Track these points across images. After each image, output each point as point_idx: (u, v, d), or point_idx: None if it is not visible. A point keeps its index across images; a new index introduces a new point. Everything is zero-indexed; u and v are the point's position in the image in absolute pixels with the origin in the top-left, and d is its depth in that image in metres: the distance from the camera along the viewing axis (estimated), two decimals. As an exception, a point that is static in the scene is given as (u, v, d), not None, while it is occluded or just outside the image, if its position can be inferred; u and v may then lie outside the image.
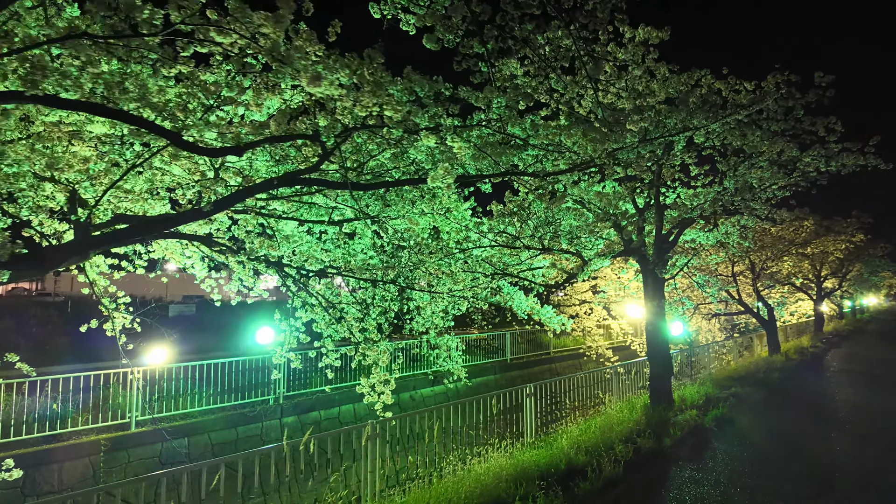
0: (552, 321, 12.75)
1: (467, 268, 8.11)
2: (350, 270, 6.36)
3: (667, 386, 9.51)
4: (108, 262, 6.88)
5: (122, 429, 10.22)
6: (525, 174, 5.32)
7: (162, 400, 10.96)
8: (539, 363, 20.89)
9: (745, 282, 18.70)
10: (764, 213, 9.70)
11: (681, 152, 10.14)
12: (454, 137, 3.51)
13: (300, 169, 4.37)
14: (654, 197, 9.32)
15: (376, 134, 4.14)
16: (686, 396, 10.15)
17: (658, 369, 9.49)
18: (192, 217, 4.13)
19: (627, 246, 9.31)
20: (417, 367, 16.22)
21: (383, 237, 6.60)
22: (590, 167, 5.27)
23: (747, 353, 19.26)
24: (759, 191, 9.17)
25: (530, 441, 7.93)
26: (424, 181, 4.07)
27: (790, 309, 27.15)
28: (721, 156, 9.47)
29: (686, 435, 7.91)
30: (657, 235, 9.50)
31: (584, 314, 22.79)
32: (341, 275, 6.39)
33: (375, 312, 7.03)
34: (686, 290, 16.67)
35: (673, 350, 14.26)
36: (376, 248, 6.57)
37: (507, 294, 13.07)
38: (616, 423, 8.00)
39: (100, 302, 6.35)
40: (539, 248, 7.75)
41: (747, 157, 9.56)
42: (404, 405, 15.47)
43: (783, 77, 8.60)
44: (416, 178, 4.48)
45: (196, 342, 20.65)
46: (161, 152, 4.03)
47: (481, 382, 18.42)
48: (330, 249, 6.74)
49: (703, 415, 9.00)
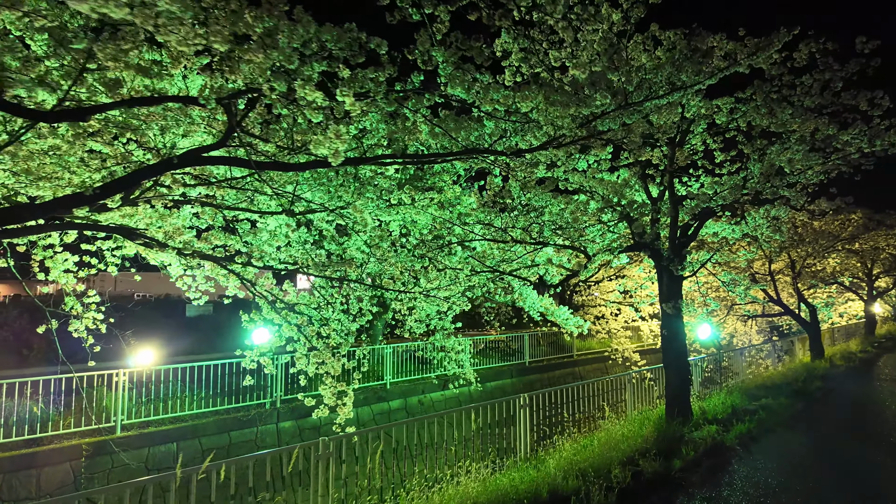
0: (568, 322, 11.81)
1: (452, 264, 7.31)
2: (307, 267, 5.67)
3: (684, 397, 8.46)
4: (74, 258, 6.45)
5: (106, 433, 9.86)
6: (491, 152, 4.50)
7: (150, 403, 10.58)
8: (560, 367, 19.84)
9: (784, 281, 17.19)
10: (799, 202, 8.54)
11: (700, 134, 9.09)
12: (345, 91, 2.74)
13: (204, 145, 3.68)
14: (668, 185, 8.30)
15: (287, 100, 3.41)
16: (708, 408, 9.06)
17: (674, 378, 8.46)
18: (70, 203, 3.50)
19: (638, 240, 8.31)
20: (427, 371, 15.48)
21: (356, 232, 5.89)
22: (568, 143, 4.41)
23: (787, 357, 17.72)
24: (791, 176, 8.03)
25: (523, 458, 7.08)
26: (328, 164, 3.33)
27: (839, 310, 25.16)
28: (746, 137, 8.37)
29: (701, 455, 6.89)
30: (672, 228, 8.47)
31: (610, 315, 21.60)
32: (300, 272, 5.70)
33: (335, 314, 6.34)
34: (717, 290, 15.37)
35: (699, 355, 13.07)
36: (333, 243, 5.86)
37: (519, 293, 12.23)
38: (620, 439, 7.05)
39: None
40: (531, 241, 6.87)
41: (776, 138, 8.47)
42: (412, 410, 14.77)
43: (818, 45, 7.51)
44: (319, 161, 3.71)
45: (210, 341, 20.58)
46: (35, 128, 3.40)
47: (497, 387, 17.55)
48: (289, 245, 6.08)
49: (725, 431, 7.92)
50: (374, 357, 14.73)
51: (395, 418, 14.25)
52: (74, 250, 6.53)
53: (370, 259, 6.17)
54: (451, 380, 13.09)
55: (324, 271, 5.57)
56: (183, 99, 2.99)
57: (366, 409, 13.71)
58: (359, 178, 5.30)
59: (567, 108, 3.47)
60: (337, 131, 2.70)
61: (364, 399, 13.66)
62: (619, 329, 21.05)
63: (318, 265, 5.46)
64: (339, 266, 5.41)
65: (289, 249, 5.89)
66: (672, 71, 3.77)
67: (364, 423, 13.51)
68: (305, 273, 5.59)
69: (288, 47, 2.66)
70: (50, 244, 6.16)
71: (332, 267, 5.46)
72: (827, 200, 9.31)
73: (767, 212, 9.03)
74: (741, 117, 8.65)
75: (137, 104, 2.91)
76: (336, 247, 7.56)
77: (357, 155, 4.36)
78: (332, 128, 2.73)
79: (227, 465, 4.41)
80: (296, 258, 5.77)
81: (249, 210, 5.65)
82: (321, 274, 5.65)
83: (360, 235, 5.80)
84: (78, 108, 2.76)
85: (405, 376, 15.05)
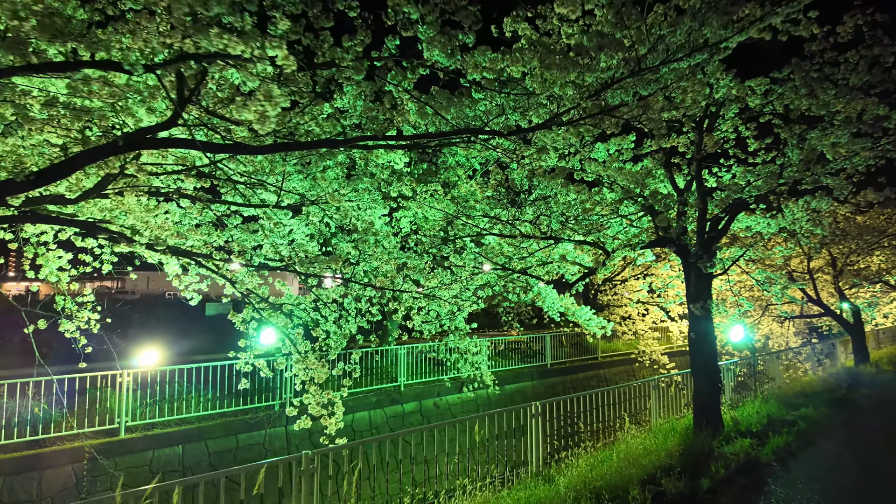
0: (590, 323, 11.15)
1: (459, 261, 6.78)
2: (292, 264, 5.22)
3: (714, 406, 7.74)
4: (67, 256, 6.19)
5: (110, 434, 9.65)
6: (486, 132, 3.95)
7: (155, 404, 10.34)
8: (584, 369, 19.09)
9: (824, 279, 16.09)
10: (843, 192, 7.72)
11: (732, 120, 8.34)
12: (275, 43, 2.23)
13: (153, 125, 3.23)
14: (696, 173, 7.59)
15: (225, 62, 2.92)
16: (741, 419, 8.30)
17: (703, 385, 7.74)
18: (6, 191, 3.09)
19: (663, 234, 7.63)
20: (443, 372, 14.94)
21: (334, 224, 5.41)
22: (576, 121, 3.83)
23: (828, 361, 16.60)
24: (835, 163, 7.24)
25: (534, 473, 6.50)
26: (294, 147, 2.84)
27: (883, 311, 23.65)
28: (783, 120, 7.61)
29: (733, 473, 6.19)
30: (700, 221, 7.75)
31: (637, 315, 20.72)
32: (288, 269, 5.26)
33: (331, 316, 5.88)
34: (751, 290, 14.42)
35: (732, 359, 12.21)
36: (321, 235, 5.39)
37: (538, 292, 11.61)
38: (641, 453, 6.41)
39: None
40: (540, 236, 6.28)
41: (817, 122, 7.70)
42: (427, 413, 14.28)
43: (865, 17, 6.78)
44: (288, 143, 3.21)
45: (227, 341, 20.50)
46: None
47: (516, 389, 16.94)
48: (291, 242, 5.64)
49: (760, 445, 7.18)
50: (387, 358, 14.30)
51: (410, 422, 13.79)
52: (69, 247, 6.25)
53: (364, 256, 5.69)
54: (466, 383, 12.55)
55: (310, 268, 5.10)
56: (102, 64, 2.55)
57: (378, 412, 13.28)
58: (344, 166, 4.81)
59: (566, 73, 2.91)
60: (267, 91, 2.21)
61: (377, 402, 13.23)
62: (646, 330, 20.18)
63: (303, 262, 4.99)
64: (324, 263, 4.94)
65: (276, 246, 5.45)
66: (693, 25, 3.15)
67: (377, 427, 13.09)
68: (289, 270, 5.15)
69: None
70: (44, 241, 5.88)
71: (319, 264, 4.99)
72: (874, 191, 8.43)
73: (807, 203, 8.21)
74: (777, 100, 7.90)
75: (46, 70, 2.48)
76: (344, 243, 7.12)
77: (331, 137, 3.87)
78: (264, 87, 2.24)
79: (182, 485, 3.96)
80: (281, 254, 5.32)
81: (235, 203, 5.23)
82: (308, 271, 5.19)
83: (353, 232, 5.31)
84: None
85: (420, 378, 14.56)
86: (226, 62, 2.45)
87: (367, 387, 13.38)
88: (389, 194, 6.60)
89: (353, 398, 12.83)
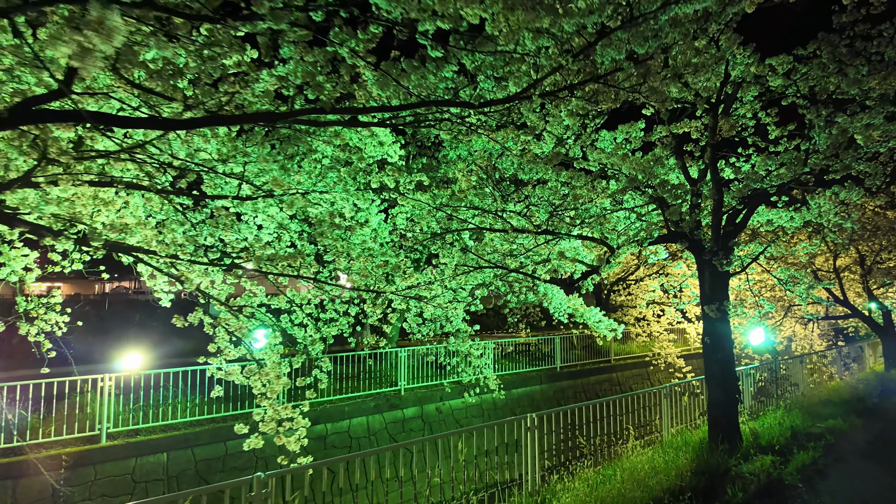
0: (599, 325, 10.49)
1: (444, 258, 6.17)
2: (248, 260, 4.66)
3: (731, 418, 7.02)
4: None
5: (91, 441, 9.22)
6: (452, 104, 3.33)
7: (139, 410, 9.90)
8: (596, 372, 18.33)
9: (852, 278, 15.14)
10: (877, 181, 6.95)
11: (751, 104, 7.60)
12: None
13: (37, 95, 2.68)
14: (710, 161, 6.88)
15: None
16: (762, 431, 7.56)
17: (718, 395, 7.03)
18: None
19: (674, 229, 6.93)
20: (446, 376, 14.29)
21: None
22: (561, 90, 3.20)
23: (856, 365, 15.66)
24: (869, 147, 6.49)
25: (529, 493, 5.86)
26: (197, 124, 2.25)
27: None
28: (809, 101, 6.87)
29: (752, 497, 5.48)
30: (715, 215, 7.04)
31: (652, 317, 19.89)
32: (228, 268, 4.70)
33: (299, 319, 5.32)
34: (771, 290, 13.56)
35: (751, 364, 11.41)
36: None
37: (544, 293, 10.96)
38: (648, 473, 5.73)
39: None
40: (533, 230, 5.62)
41: (846, 105, 6.96)
42: (429, 419, 13.67)
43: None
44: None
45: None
46: None
47: (524, 394, 16.27)
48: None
49: (783, 462, 6.45)
50: (387, 361, 13.73)
51: (410, 427, 13.20)
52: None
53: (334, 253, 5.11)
54: (467, 388, 11.93)
55: (269, 266, 4.54)
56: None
57: (377, 418, 12.70)
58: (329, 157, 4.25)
59: (537, 17, 2.29)
60: (100, 17, 1.62)
61: (375, 406, 12.65)
62: (661, 332, 19.35)
63: (260, 259, 4.42)
64: (282, 260, 4.36)
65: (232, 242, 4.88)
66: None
67: (375, 433, 12.52)
68: (240, 268, 4.59)
69: None
70: (10, 240, 5.43)
71: (278, 261, 4.42)
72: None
73: (835, 195, 7.43)
74: (801, 80, 7.16)
75: None
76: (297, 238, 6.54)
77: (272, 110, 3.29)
78: (94, 6, 1.65)
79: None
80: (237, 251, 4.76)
81: (182, 193, 4.69)
82: (268, 270, 4.63)
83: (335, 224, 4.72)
84: None
85: (422, 381, 13.96)
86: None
87: (364, 391, 12.83)
88: (370, 185, 6.04)
89: (350, 403, 12.29)
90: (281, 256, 4.39)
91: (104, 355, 12.36)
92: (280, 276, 4.71)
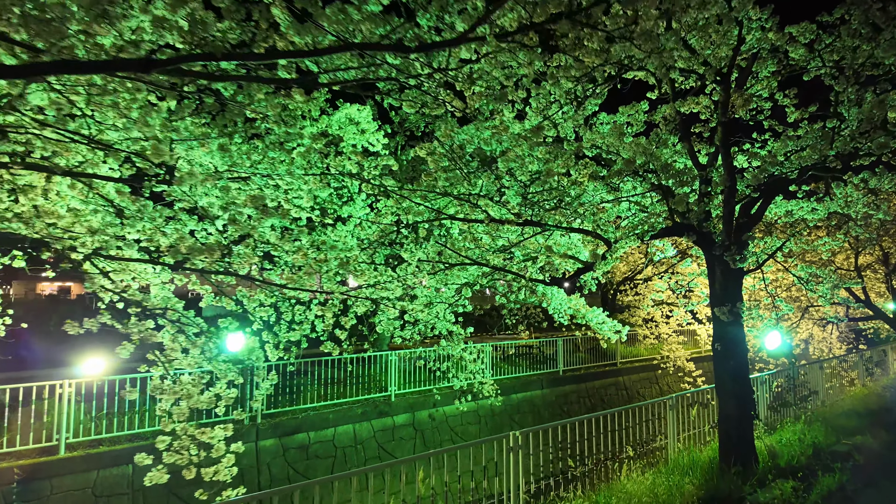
0: (603, 327, 9.71)
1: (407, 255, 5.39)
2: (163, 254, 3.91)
3: (745, 434, 6.17)
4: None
5: (48, 453, 8.55)
6: (380, 48, 2.56)
7: (104, 418, 9.21)
8: (601, 376, 17.48)
9: (874, 277, 14.16)
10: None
11: (767, 80, 6.75)
12: None
13: None
14: (721, 142, 6.04)
15: None
16: (780, 449, 6.69)
17: (730, 408, 6.18)
18: None
19: (680, 220, 6.09)
20: (440, 381, 13.46)
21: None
22: (517, 36, 2.42)
23: (879, 370, 14.66)
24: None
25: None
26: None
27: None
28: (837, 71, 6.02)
29: (771, 534, 4.65)
30: (727, 204, 6.20)
31: (661, 318, 18.97)
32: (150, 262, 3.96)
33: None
34: (788, 289, 12.62)
35: (767, 370, 10.51)
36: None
37: (543, 292, 10.18)
38: (649, 501, 4.91)
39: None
40: (513, 220, 4.82)
41: (878, 80, 6.13)
42: (421, 426, 12.90)
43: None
44: None
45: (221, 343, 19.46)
46: None
47: (524, 399, 15.45)
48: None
49: (805, 488, 5.59)
50: (377, 365, 12.97)
51: (401, 435, 12.44)
52: None
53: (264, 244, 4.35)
54: (459, 395, 11.13)
55: (190, 260, 3.79)
56: None
57: (365, 426, 11.95)
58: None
59: None
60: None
61: (363, 414, 11.90)
62: (670, 333, 18.43)
63: (176, 251, 3.67)
64: (198, 252, 3.61)
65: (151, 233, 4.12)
66: None
67: (363, 442, 11.77)
68: (159, 263, 3.85)
69: None
70: None
71: (193, 255, 3.67)
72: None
73: (865, 182, 6.56)
74: (826, 52, 6.31)
75: None
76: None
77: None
78: None
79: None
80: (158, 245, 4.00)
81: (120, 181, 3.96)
82: (190, 266, 3.88)
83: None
84: None
85: (414, 387, 13.19)
86: None
87: (351, 397, 12.07)
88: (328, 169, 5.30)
89: (335, 410, 11.56)
90: (199, 249, 3.63)
91: (61, 358, 11.70)
92: (194, 272, 3.97)
